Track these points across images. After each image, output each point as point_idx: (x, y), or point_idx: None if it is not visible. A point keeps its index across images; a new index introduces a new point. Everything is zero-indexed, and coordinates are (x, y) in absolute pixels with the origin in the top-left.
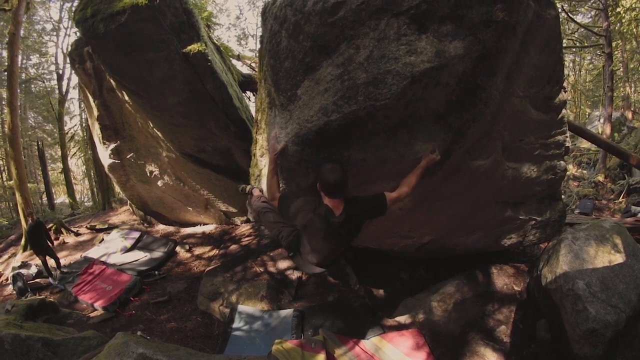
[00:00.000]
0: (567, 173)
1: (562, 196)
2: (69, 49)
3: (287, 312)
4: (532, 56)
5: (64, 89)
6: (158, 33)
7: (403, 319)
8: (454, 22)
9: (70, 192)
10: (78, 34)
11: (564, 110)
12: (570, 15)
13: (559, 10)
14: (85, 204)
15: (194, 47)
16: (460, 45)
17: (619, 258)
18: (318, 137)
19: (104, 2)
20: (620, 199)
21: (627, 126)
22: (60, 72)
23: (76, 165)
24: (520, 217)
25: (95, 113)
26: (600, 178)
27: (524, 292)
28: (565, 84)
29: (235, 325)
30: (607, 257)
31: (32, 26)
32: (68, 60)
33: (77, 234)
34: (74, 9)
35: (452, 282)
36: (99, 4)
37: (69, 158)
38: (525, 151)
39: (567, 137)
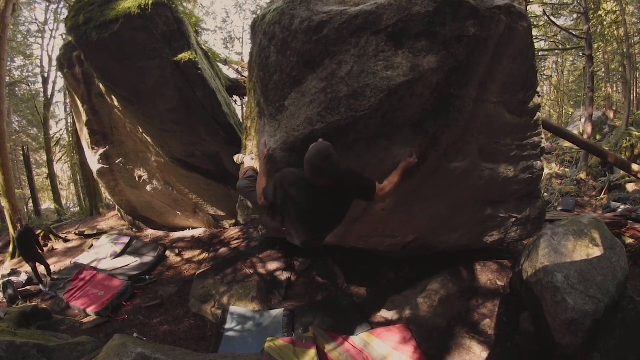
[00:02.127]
0: (550, 171)
1: (545, 194)
2: (58, 54)
3: (277, 312)
4: (505, 65)
5: (49, 93)
6: (150, 42)
7: (390, 315)
8: (428, 39)
9: (57, 198)
10: (65, 37)
11: (538, 114)
12: (552, 19)
13: (542, 13)
14: (72, 209)
15: (184, 56)
16: (434, 60)
17: (597, 251)
18: (304, 145)
19: (97, 9)
20: (602, 196)
21: (609, 125)
22: (46, 75)
23: (62, 170)
24: (501, 215)
25: (84, 118)
26: (583, 176)
27: (507, 286)
28: (539, 89)
29: (228, 325)
30: (585, 250)
31: (17, 27)
32: (54, 63)
33: (65, 240)
34: (59, 11)
35: (437, 279)
36: (91, 12)
37: (54, 163)
38: (502, 153)
39: (542, 138)
